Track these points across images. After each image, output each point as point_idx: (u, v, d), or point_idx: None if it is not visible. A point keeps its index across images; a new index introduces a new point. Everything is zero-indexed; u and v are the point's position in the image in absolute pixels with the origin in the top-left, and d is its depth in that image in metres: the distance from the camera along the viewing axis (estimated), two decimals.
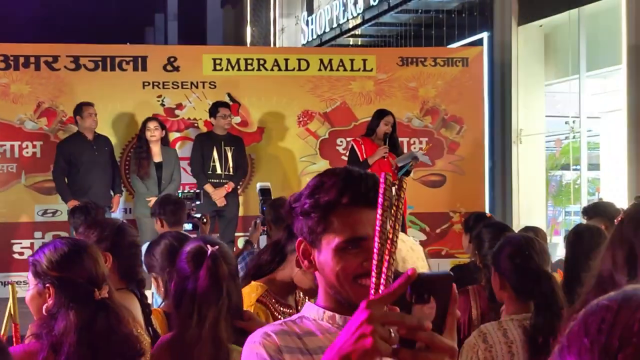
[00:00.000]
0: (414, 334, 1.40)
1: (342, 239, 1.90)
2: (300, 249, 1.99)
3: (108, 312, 2.91)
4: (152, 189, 9.46)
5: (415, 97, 10.88)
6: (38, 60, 10.08)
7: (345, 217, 1.90)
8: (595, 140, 12.60)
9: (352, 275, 1.89)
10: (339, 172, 1.97)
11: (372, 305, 1.42)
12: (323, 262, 1.94)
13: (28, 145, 10.04)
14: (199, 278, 2.90)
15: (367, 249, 1.80)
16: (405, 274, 1.42)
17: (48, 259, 2.93)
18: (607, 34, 11.06)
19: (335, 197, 1.91)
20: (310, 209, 1.94)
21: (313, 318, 1.98)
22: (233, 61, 10.54)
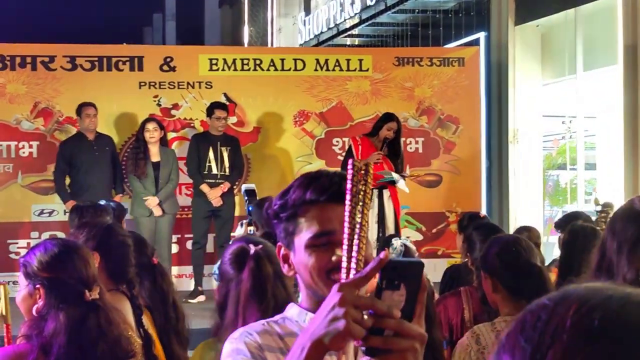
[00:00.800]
0: (382, 321, 1.41)
1: (310, 235, 1.90)
2: (281, 254, 2.00)
3: (98, 313, 2.91)
4: (149, 188, 9.47)
5: (412, 97, 10.88)
6: (34, 60, 10.08)
7: (312, 214, 1.91)
8: (591, 140, 12.59)
9: (324, 271, 1.88)
10: (307, 174, 2.00)
11: (344, 288, 1.43)
12: (298, 263, 1.94)
13: (24, 145, 10.04)
14: (242, 280, 2.83)
15: (336, 244, 1.84)
16: (378, 258, 1.43)
17: (38, 259, 2.93)
18: (603, 34, 11.06)
19: (300, 195, 1.92)
20: (280, 210, 1.96)
21: (295, 319, 1.98)
22: (229, 61, 10.55)
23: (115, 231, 3.82)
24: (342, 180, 1.79)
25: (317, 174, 1.98)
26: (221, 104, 9.94)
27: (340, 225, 1.76)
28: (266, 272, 2.79)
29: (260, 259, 2.80)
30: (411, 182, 10.30)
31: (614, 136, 10.67)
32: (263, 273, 2.77)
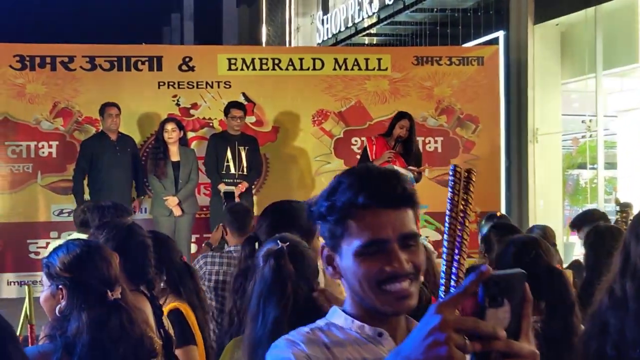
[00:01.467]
0: (489, 344, 1.30)
1: (361, 243, 1.77)
2: (324, 255, 1.87)
3: (120, 313, 2.91)
4: (169, 188, 9.48)
5: (431, 96, 10.85)
6: (54, 60, 10.11)
7: (363, 220, 1.77)
8: (612, 139, 12.53)
9: (375, 281, 1.76)
10: (357, 171, 1.85)
11: (444, 309, 1.32)
12: (345, 268, 1.82)
13: (44, 145, 10.07)
14: (264, 275, 2.80)
15: (388, 252, 1.75)
16: (478, 271, 1.32)
17: (61, 260, 2.94)
18: (623, 33, 11.00)
19: (351, 198, 1.78)
20: (327, 212, 1.82)
21: (341, 326, 1.85)
22: (248, 61, 10.54)
23: (135, 231, 3.82)
24: (398, 182, 1.78)
25: (369, 172, 1.83)
26: (237, 103, 9.93)
27: (393, 232, 1.75)
28: (286, 270, 2.74)
29: (281, 257, 2.76)
30: (429, 181, 10.27)
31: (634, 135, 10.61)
32: (283, 270, 2.73)
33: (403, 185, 1.79)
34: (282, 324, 2.66)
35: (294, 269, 2.75)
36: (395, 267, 1.75)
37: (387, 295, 1.76)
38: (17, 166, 10.00)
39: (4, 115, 9.98)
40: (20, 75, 10.02)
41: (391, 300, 1.76)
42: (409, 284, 1.76)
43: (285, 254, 2.76)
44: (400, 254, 1.76)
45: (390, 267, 1.75)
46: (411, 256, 1.77)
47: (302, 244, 2.90)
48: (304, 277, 2.80)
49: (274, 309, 2.70)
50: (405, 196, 1.79)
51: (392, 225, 1.75)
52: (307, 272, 2.82)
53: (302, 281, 2.78)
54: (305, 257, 2.85)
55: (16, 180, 9.99)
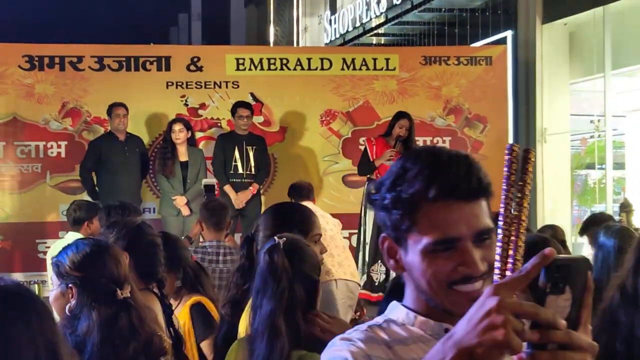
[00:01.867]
0: (548, 333, 1.22)
1: (430, 241, 1.59)
2: (385, 246, 1.70)
3: (130, 311, 2.92)
4: (177, 188, 9.49)
5: (439, 96, 10.84)
6: (62, 60, 10.13)
7: (433, 215, 1.59)
8: (620, 139, 12.50)
9: (445, 282, 1.60)
10: (424, 157, 1.63)
11: (501, 290, 1.23)
12: (410, 264, 1.65)
13: (53, 145, 10.09)
14: (260, 270, 2.82)
15: (461, 251, 1.59)
16: (541, 254, 1.23)
17: (70, 259, 2.95)
18: (632, 32, 10.98)
19: (420, 190, 1.59)
20: (391, 205, 1.63)
21: (401, 322, 1.69)
22: (256, 61, 10.55)
23: (145, 230, 3.83)
24: (473, 170, 1.61)
25: (438, 158, 1.62)
26: (244, 102, 9.93)
27: (467, 229, 1.58)
28: (280, 264, 2.75)
29: (275, 251, 2.78)
30: None
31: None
32: (277, 265, 2.75)
33: (478, 174, 1.63)
34: (277, 318, 2.67)
35: (290, 264, 2.76)
36: (469, 268, 1.59)
37: (458, 296, 1.60)
38: (26, 166, 10.03)
39: (12, 116, 10.01)
40: (29, 75, 10.05)
41: (463, 301, 1.55)
42: (482, 284, 1.59)
43: (279, 248, 2.78)
44: (474, 254, 1.59)
45: (464, 268, 1.59)
46: (485, 253, 1.60)
47: (302, 241, 2.91)
48: (303, 272, 2.79)
49: (268, 303, 2.72)
50: (481, 187, 1.63)
51: (466, 220, 1.59)
52: (305, 267, 2.81)
53: (300, 276, 2.77)
54: (305, 253, 2.85)
55: (25, 180, 10.02)
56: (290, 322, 2.70)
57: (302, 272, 2.79)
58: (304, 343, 2.70)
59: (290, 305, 2.71)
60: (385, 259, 1.70)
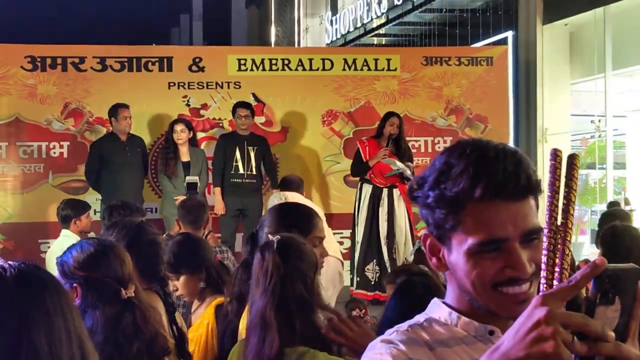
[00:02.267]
0: (597, 346, 1.19)
1: (476, 241, 1.52)
2: (427, 244, 1.63)
3: (134, 311, 2.95)
4: (179, 188, 9.51)
5: (440, 97, 10.87)
6: (65, 61, 10.16)
7: (478, 215, 1.52)
8: (621, 139, 12.53)
9: (491, 284, 1.53)
10: (469, 152, 1.54)
11: (550, 300, 1.19)
12: (454, 263, 1.58)
13: (55, 145, 10.12)
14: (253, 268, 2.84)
15: (508, 252, 1.52)
16: (592, 263, 1.18)
17: (75, 259, 2.97)
18: (632, 33, 11.00)
19: (466, 189, 1.52)
20: (435, 204, 1.57)
21: (444, 321, 1.63)
22: (257, 61, 10.58)
23: (145, 229, 3.84)
24: (521, 168, 1.53)
25: (484, 154, 1.53)
26: (244, 102, 9.94)
27: (515, 229, 1.51)
28: (270, 262, 2.75)
29: (267, 249, 2.79)
30: None
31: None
32: (268, 262, 2.75)
33: (527, 171, 1.54)
34: (268, 313, 2.68)
35: (283, 261, 2.76)
36: (516, 270, 1.52)
37: (504, 298, 1.54)
38: (28, 166, 10.06)
39: (15, 116, 10.04)
40: (31, 76, 10.08)
41: (509, 304, 1.53)
42: (529, 286, 1.54)
43: (272, 246, 2.78)
44: (522, 255, 1.52)
45: (511, 270, 1.52)
46: (533, 253, 1.52)
47: (299, 240, 2.90)
48: (298, 270, 2.79)
49: (260, 298, 2.73)
50: (530, 185, 1.54)
51: (514, 221, 1.51)
52: (301, 265, 2.82)
53: (295, 273, 2.77)
54: (301, 251, 2.85)
55: (27, 180, 10.05)
56: (283, 318, 2.70)
57: (297, 269, 2.79)
58: (301, 340, 2.69)
59: (283, 301, 2.71)
60: (428, 257, 1.64)
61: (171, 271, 4.09)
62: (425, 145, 10.76)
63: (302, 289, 2.76)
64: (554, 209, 1.34)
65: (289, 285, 2.74)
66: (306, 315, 2.74)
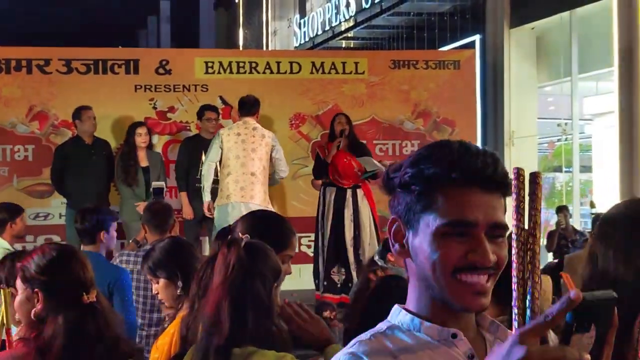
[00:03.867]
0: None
1: (444, 221, 1.54)
2: (392, 229, 1.63)
3: (96, 316, 2.91)
4: (139, 194, 9.40)
5: (407, 100, 10.88)
6: (30, 63, 10.06)
7: (452, 196, 1.54)
8: (587, 142, 12.62)
9: (451, 267, 1.54)
10: (452, 144, 1.60)
11: (527, 338, 1.22)
12: (417, 247, 1.58)
13: (20, 148, 10.01)
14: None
15: (473, 238, 1.54)
16: (567, 298, 1.21)
17: (36, 263, 2.93)
18: (599, 37, 11.09)
19: (445, 170, 1.55)
20: (411, 180, 1.58)
21: (407, 328, 1.62)
22: (225, 64, 10.54)
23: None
24: (498, 165, 1.57)
25: (466, 147, 1.59)
26: (211, 105, 9.90)
27: (484, 218, 1.54)
28: (235, 256, 2.68)
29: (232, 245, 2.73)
30: None
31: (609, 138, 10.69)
32: (230, 255, 2.69)
33: (503, 170, 1.58)
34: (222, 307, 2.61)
35: (247, 259, 2.70)
36: (479, 256, 1.54)
37: (461, 286, 1.55)
38: None
39: None
40: None
41: (465, 293, 1.55)
42: (487, 279, 1.55)
43: (239, 243, 2.72)
44: (487, 244, 1.54)
45: (474, 255, 1.53)
46: (497, 249, 1.55)
47: (267, 247, 2.85)
48: (260, 271, 2.73)
49: (216, 290, 2.67)
50: (503, 182, 1.57)
51: (484, 209, 1.54)
52: (264, 267, 2.75)
53: (256, 274, 2.72)
54: (267, 257, 2.80)
55: None
56: (237, 313, 2.64)
57: (259, 270, 2.73)
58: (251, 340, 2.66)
59: (239, 296, 2.66)
60: (391, 243, 1.64)
61: (150, 274, 4.05)
62: (393, 148, 10.76)
63: (261, 290, 2.70)
64: (520, 232, 1.32)
65: (248, 283, 2.68)
66: (260, 316, 2.70)
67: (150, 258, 4.08)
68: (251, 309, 2.67)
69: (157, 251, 4.13)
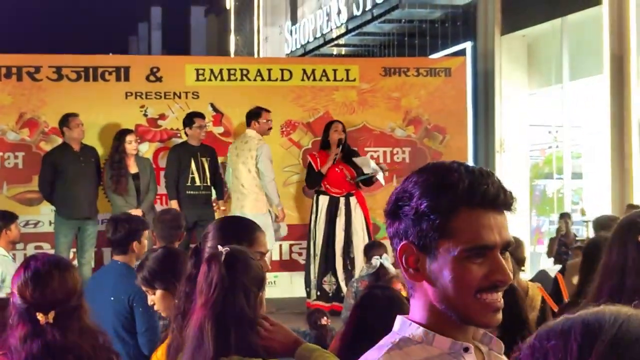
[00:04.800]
0: None
1: (465, 247, 1.62)
2: (404, 256, 1.68)
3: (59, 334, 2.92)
4: (130, 201, 9.37)
5: (398, 107, 10.87)
6: (20, 70, 10.02)
7: (469, 221, 1.63)
8: (578, 150, 12.63)
9: (475, 289, 1.62)
10: (457, 168, 1.67)
11: None
12: (437, 272, 1.65)
13: (10, 156, 9.98)
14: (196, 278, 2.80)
15: (492, 259, 1.63)
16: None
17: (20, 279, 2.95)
18: (589, 44, 11.10)
19: (461, 196, 1.62)
20: (429, 210, 1.63)
21: (418, 340, 1.67)
22: (216, 71, 10.52)
23: None
24: (502, 186, 1.67)
25: (474, 171, 1.66)
26: (199, 113, 9.89)
27: (500, 238, 1.64)
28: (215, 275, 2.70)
29: (213, 260, 2.73)
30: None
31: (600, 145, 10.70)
32: (210, 275, 2.70)
33: (507, 189, 1.68)
34: (205, 326, 2.63)
35: (228, 274, 2.71)
36: (501, 275, 1.64)
37: (483, 305, 1.63)
38: None
39: None
40: None
41: (487, 311, 1.64)
42: (501, 296, 1.67)
43: (219, 258, 2.73)
44: (504, 262, 1.65)
45: (496, 275, 1.63)
46: (506, 264, 1.68)
47: (247, 254, 2.85)
48: (242, 284, 2.74)
49: (199, 311, 2.68)
50: (510, 201, 1.68)
51: (499, 230, 1.64)
52: (245, 279, 2.76)
53: (239, 287, 2.72)
54: (247, 265, 2.80)
55: None
56: (220, 330, 2.66)
57: (241, 283, 2.74)
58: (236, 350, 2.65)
59: (222, 315, 2.67)
60: (402, 268, 1.69)
61: (146, 285, 4.01)
62: (384, 155, 10.74)
63: (244, 303, 2.71)
64: None
65: (230, 299, 2.69)
66: (243, 329, 2.70)
67: (144, 268, 4.04)
68: (235, 325, 2.68)
69: (151, 261, 4.09)
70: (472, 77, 11.93)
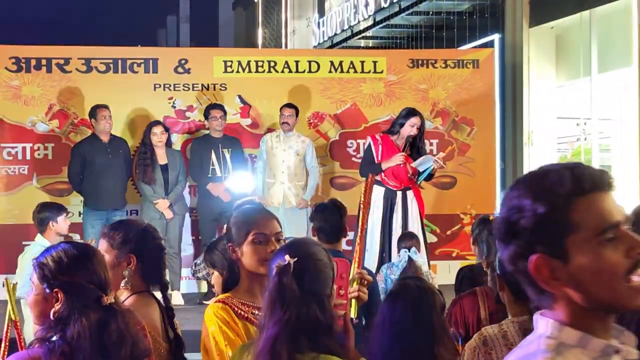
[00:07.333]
0: None
1: (594, 232, 1.59)
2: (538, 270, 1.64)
3: (117, 317, 2.90)
4: (159, 191, 9.46)
5: (426, 99, 10.86)
6: (49, 62, 10.12)
7: (589, 208, 1.60)
8: (606, 142, 12.54)
9: (623, 272, 1.58)
10: (549, 168, 1.68)
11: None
12: (577, 270, 1.60)
13: (40, 147, 10.08)
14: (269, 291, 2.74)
15: (623, 236, 1.60)
16: None
17: (57, 262, 2.90)
18: (618, 35, 11.02)
19: (571, 188, 1.61)
20: (548, 211, 1.61)
21: (574, 344, 1.63)
22: (244, 63, 10.56)
23: (151, 234, 3.80)
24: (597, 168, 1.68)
25: (569, 164, 1.67)
26: (218, 104, 9.96)
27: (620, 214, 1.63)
28: (288, 288, 2.65)
29: (284, 275, 2.66)
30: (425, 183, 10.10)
31: (629, 138, 10.63)
32: (285, 289, 2.65)
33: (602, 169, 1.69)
34: (279, 344, 2.59)
35: (299, 285, 2.66)
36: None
37: (632, 289, 1.59)
38: (12, 168, 10.01)
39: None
40: (16, 77, 10.04)
41: (637, 294, 1.59)
42: None
43: (289, 271, 2.68)
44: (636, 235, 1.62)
45: (636, 249, 1.59)
46: None
47: (315, 255, 2.78)
48: (313, 293, 2.69)
49: (273, 327, 2.64)
50: (611, 180, 1.67)
51: (616, 207, 1.63)
52: (316, 286, 2.71)
53: (311, 297, 2.68)
54: (318, 272, 2.75)
55: (12, 182, 10.01)
56: (293, 345, 2.62)
57: (312, 292, 2.69)
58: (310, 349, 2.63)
59: (295, 331, 2.63)
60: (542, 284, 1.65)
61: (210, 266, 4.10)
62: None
63: (317, 311, 2.67)
64: None
65: (304, 312, 2.65)
66: (320, 337, 2.67)
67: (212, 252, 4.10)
68: (310, 333, 2.65)
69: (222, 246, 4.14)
70: (500, 70, 11.87)
